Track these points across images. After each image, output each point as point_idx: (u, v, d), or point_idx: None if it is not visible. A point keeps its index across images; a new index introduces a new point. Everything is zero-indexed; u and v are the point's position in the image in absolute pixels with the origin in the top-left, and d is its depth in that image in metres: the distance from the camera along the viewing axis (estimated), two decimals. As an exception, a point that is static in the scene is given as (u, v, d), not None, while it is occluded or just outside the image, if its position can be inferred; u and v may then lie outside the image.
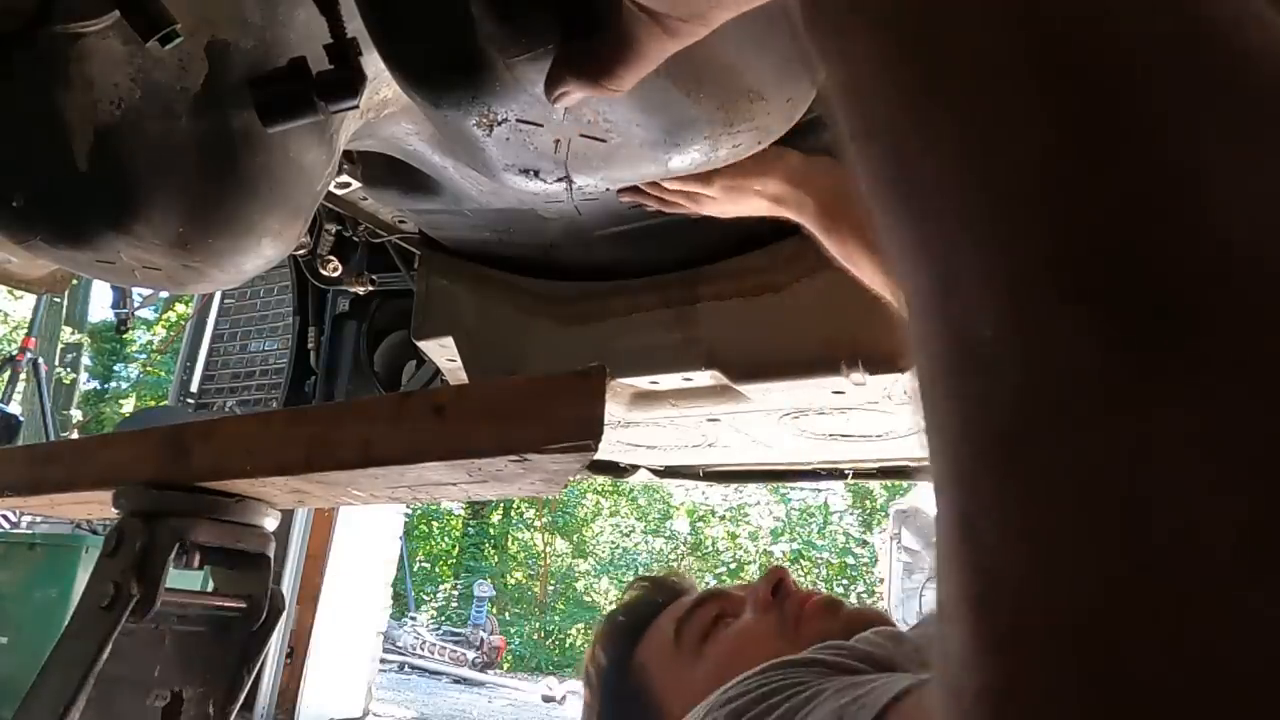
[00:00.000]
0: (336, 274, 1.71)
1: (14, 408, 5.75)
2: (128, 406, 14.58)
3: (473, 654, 13.47)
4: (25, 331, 6.77)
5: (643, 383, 1.28)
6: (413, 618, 14.62)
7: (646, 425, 1.46)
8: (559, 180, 0.96)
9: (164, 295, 9.64)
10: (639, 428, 1.49)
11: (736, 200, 0.97)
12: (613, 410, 1.36)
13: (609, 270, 1.28)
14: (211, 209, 0.84)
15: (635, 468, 1.90)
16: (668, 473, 1.97)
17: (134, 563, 0.74)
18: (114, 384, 15.97)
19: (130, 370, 16.05)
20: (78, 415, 12.50)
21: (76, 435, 8.97)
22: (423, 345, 1.44)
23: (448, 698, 10.21)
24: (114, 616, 0.72)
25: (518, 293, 1.34)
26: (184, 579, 0.81)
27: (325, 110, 0.74)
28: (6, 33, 0.74)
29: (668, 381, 1.26)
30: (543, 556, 18.83)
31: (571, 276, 1.31)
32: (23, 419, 5.65)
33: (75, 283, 8.40)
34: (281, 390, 2.04)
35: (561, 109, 0.68)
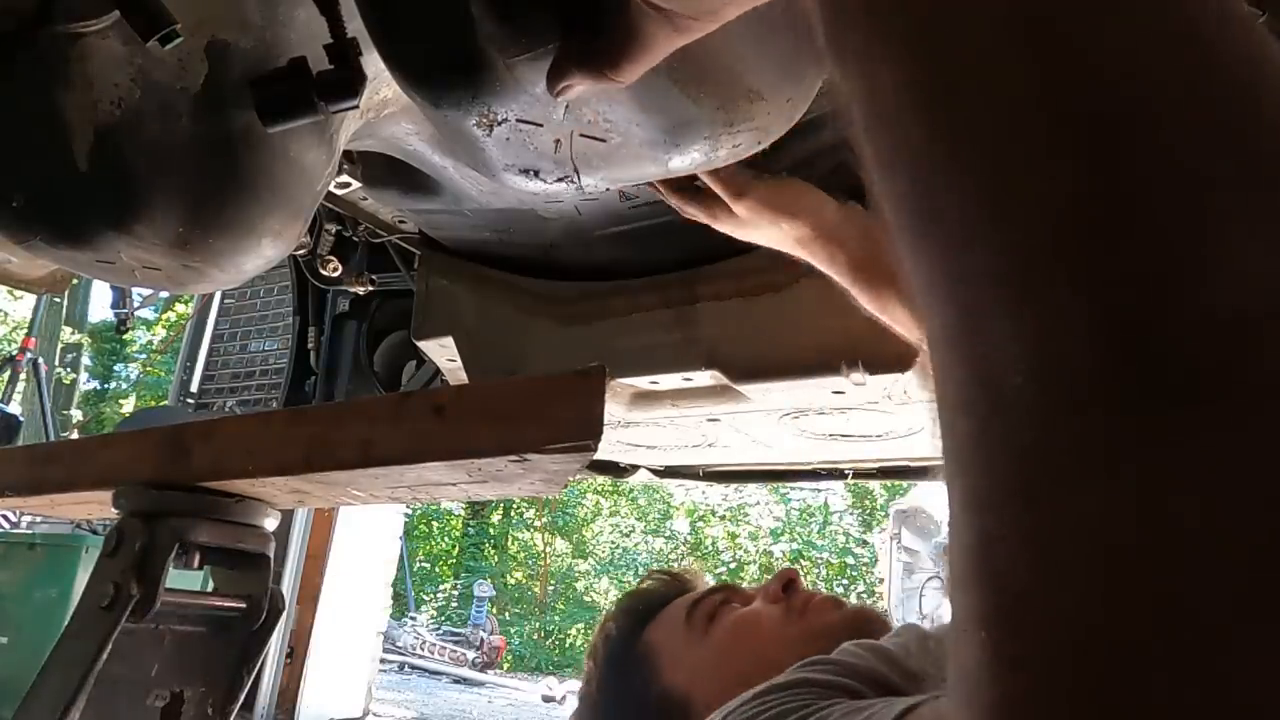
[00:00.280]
0: (336, 274, 1.71)
1: (14, 408, 5.75)
2: (128, 406, 14.58)
3: (473, 654, 13.47)
4: (25, 331, 6.77)
5: (643, 383, 1.28)
6: (413, 618, 14.62)
7: (646, 425, 1.46)
8: (559, 180, 0.96)
9: (164, 295, 9.64)
10: (639, 428, 1.49)
11: (759, 228, 0.92)
12: (613, 410, 1.36)
13: (609, 270, 1.28)
14: (212, 209, 0.84)
15: (635, 468, 1.90)
16: (668, 473, 1.97)
17: (134, 563, 0.74)
18: (114, 384, 15.97)
19: (130, 370, 16.05)
20: (78, 415, 12.50)
21: (76, 435, 8.97)
22: (423, 345, 1.44)
23: (448, 698, 10.21)
24: (114, 616, 0.72)
25: (518, 293, 1.34)
26: (184, 579, 0.80)
27: (325, 110, 0.74)
28: (6, 33, 0.74)
29: (668, 381, 1.26)
30: (543, 556, 18.83)
31: (571, 276, 1.31)
32: (23, 419, 5.65)
33: (75, 283, 8.39)
34: (281, 390, 2.04)
35: (562, 108, 0.67)
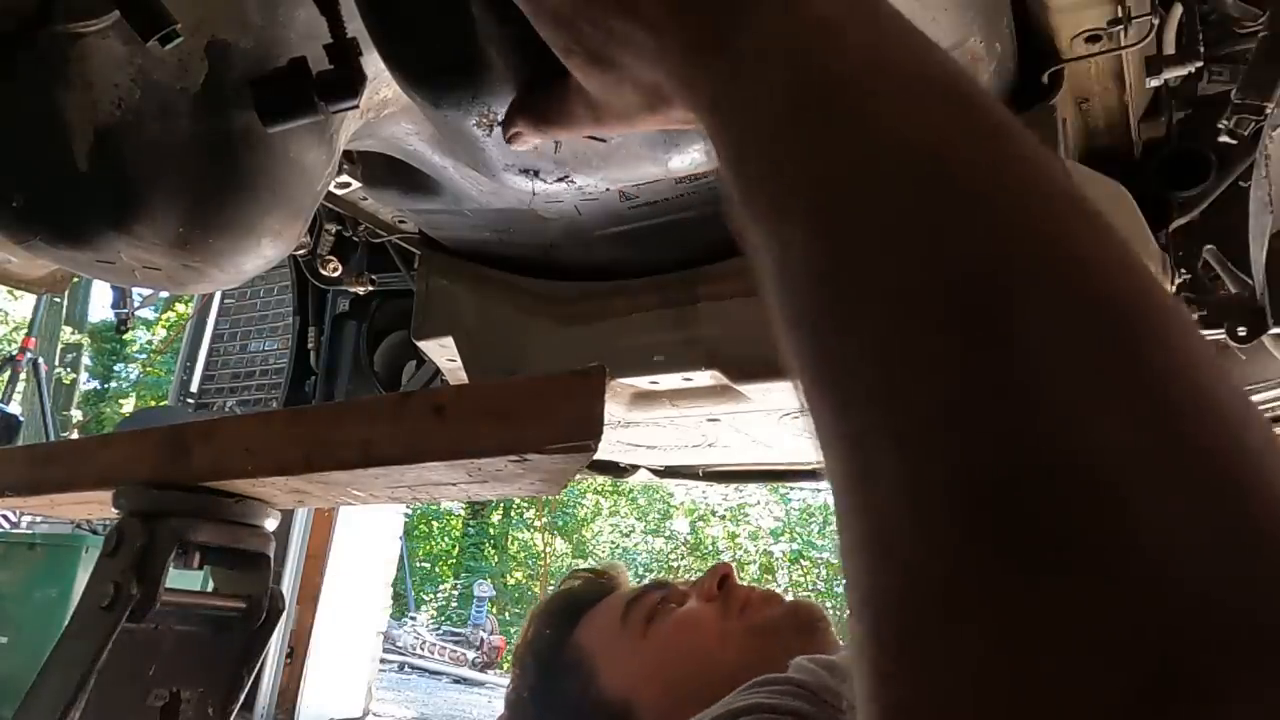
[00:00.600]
0: (336, 274, 1.71)
1: (14, 408, 5.75)
2: (128, 406, 14.58)
3: (473, 654, 13.48)
4: (25, 331, 6.78)
5: (643, 383, 1.28)
6: (413, 618, 14.63)
7: (646, 425, 1.46)
8: (559, 180, 0.96)
9: (164, 295, 9.64)
10: (639, 428, 1.49)
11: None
12: (613, 410, 1.36)
13: (609, 270, 1.28)
14: (211, 209, 0.84)
15: (635, 468, 1.90)
16: (668, 473, 1.97)
17: (134, 563, 0.74)
18: (114, 384, 15.96)
19: (130, 370, 16.05)
20: (78, 415, 12.51)
21: (76, 435, 8.97)
22: (423, 345, 1.44)
23: (448, 698, 10.21)
24: (114, 616, 0.72)
25: (518, 293, 1.34)
26: (184, 579, 0.80)
27: (325, 110, 0.74)
28: (6, 33, 0.74)
29: (668, 381, 1.26)
30: (543, 556, 18.83)
31: (571, 276, 1.31)
32: (23, 419, 5.65)
33: (75, 283, 8.39)
34: (281, 390, 2.04)
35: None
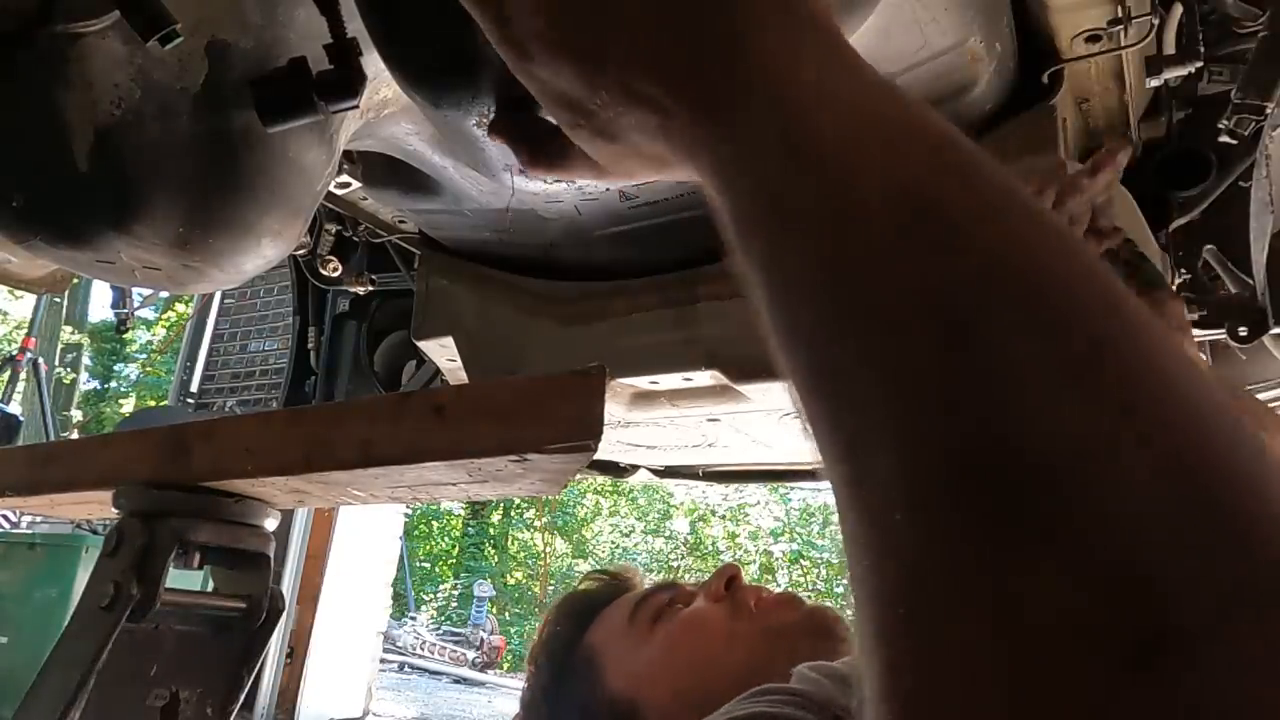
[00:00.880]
0: (336, 274, 1.71)
1: (14, 408, 5.75)
2: (128, 406, 14.58)
3: (473, 654, 13.47)
4: (25, 331, 6.78)
5: (643, 383, 1.28)
6: (413, 618, 14.62)
7: (646, 425, 1.46)
8: (559, 180, 0.96)
9: (164, 295, 9.64)
10: (639, 428, 1.49)
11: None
12: (613, 410, 1.36)
13: (609, 270, 1.28)
14: (211, 209, 0.84)
15: (635, 468, 1.90)
16: (668, 473, 1.97)
17: (134, 563, 0.74)
18: (114, 384, 15.96)
19: (130, 370, 16.04)
20: (78, 415, 12.51)
21: (76, 435, 8.97)
22: (423, 345, 1.44)
23: (448, 698, 10.21)
24: (114, 616, 0.72)
25: (518, 293, 1.34)
26: (184, 579, 0.80)
27: (325, 110, 0.74)
28: (6, 33, 0.74)
29: (668, 381, 1.26)
30: (543, 556, 18.83)
31: (571, 276, 1.31)
32: (23, 419, 5.65)
33: (75, 283, 8.39)
34: (281, 390, 2.04)
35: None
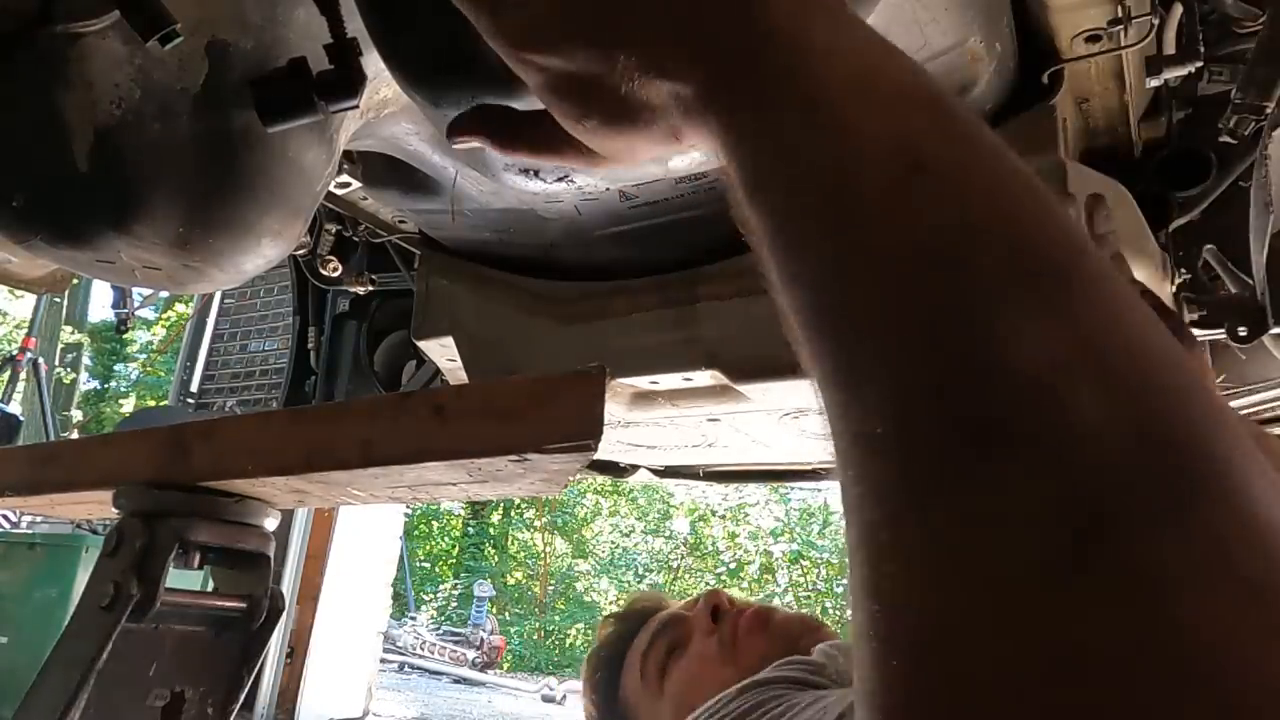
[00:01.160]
0: (336, 274, 1.71)
1: (14, 408, 5.75)
2: (128, 406, 14.57)
3: (473, 654, 13.47)
4: (25, 331, 6.78)
5: (643, 383, 1.28)
6: (413, 618, 14.62)
7: (646, 425, 1.46)
8: (558, 179, 0.96)
9: (164, 295, 9.64)
10: (639, 428, 1.49)
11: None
12: (613, 410, 1.36)
13: (609, 270, 1.27)
14: (211, 209, 0.84)
15: (635, 468, 1.90)
16: (668, 473, 1.97)
17: (134, 563, 0.73)
18: (114, 384, 15.95)
19: (130, 370, 16.04)
20: (78, 415, 12.50)
21: (76, 435, 8.97)
22: (423, 345, 1.44)
23: (448, 697, 10.21)
24: (114, 616, 0.71)
25: (518, 293, 1.34)
26: (184, 579, 0.80)
27: (325, 110, 0.74)
28: (6, 33, 0.74)
29: (668, 381, 1.25)
30: (543, 556, 18.83)
31: (572, 276, 1.31)
32: (23, 419, 5.65)
33: (75, 283, 8.40)
34: (281, 390, 2.04)
35: None
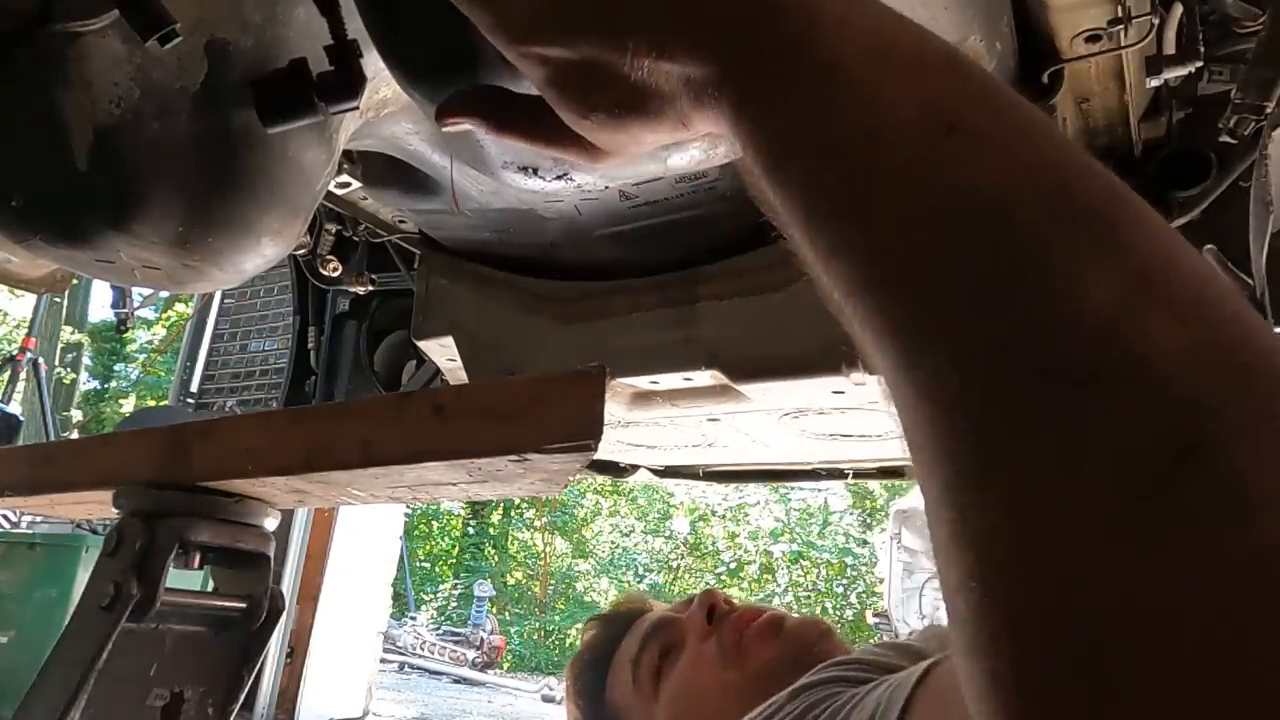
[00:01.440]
0: (336, 274, 1.71)
1: (14, 408, 5.75)
2: (128, 406, 14.57)
3: (473, 654, 13.47)
4: (25, 331, 6.77)
5: (643, 382, 1.28)
6: (413, 618, 14.62)
7: (646, 425, 1.46)
8: (557, 178, 0.96)
9: (164, 295, 9.64)
10: (639, 428, 1.49)
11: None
12: (613, 410, 1.36)
13: (609, 270, 1.28)
14: (211, 208, 0.84)
15: (635, 468, 1.90)
16: (668, 473, 1.97)
17: (134, 563, 0.73)
18: (114, 384, 15.95)
19: (130, 370, 16.04)
20: (78, 415, 12.50)
21: (76, 435, 8.97)
22: (423, 345, 1.44)
23: (448, 697, 10.21)
24: (114, 616, 0.71)
25: (518, 292, 1.34)
26: (184, 579, 0.80)
27: (325, 111, 0.74)
28: (6, 33, 0.74)
29: (668, 381, 1.25)
30: (543, 556, 18.83)
31: (572, 276, 1.31)
32: (23, 419, 5.65)
33: (75, 282, 8.39)
34: (281, 390, 2.04)
35: None
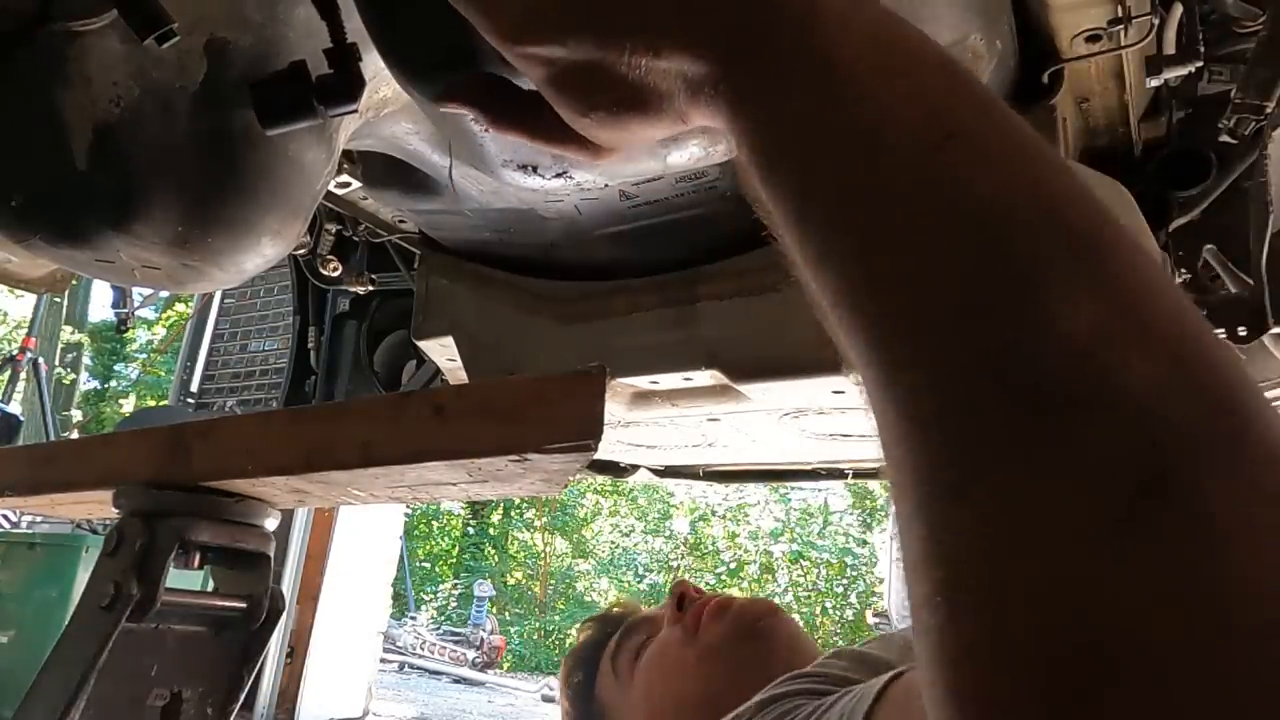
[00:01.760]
0: (336, 274, 1.71)
1: (14, 408, 5.75)
2: (128, 406, 14.56)
3: (473, 654, 13.47)
4: (25, 331, 6.77)
5: (643, 382, 1.28)
6: (413, 617, 14.62)
7: (646, 425, 1.46)
8: (557, 176, 0.96)
9: (164, 295, 9.64)
10: (639, 428, 1.49)
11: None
12: (613, 410, 1.36)
13: (609, 270, 1.27)
14: (211, 208, 0.84)
15: (635, 468, 1.90)
16: (668, 473, 1.97)
17: (134, 563, 0.73)
18: (114, 384, 15.95)
19: (130, 370, 16.03)
20: (78, 415, 12.50)
21: (76, 435, 8.97)
22: (423, 345, 1.44)
23: (448, 697, 10.21)
24: (114, 616, 0.71)
25: (518, 292, 1.34)
26: (184, 579, 0.80)
27: (324, 114, 0.74)
28: (6, 32, 0.74)
29: (668, 381, 1.25)
30: (543, 556, 18.83)
31: (572, 276, 1.31)
32: (23, 419, 5.65)
33: (75, 283, 8.39)
34: (281, 390, 2.04)
35: None
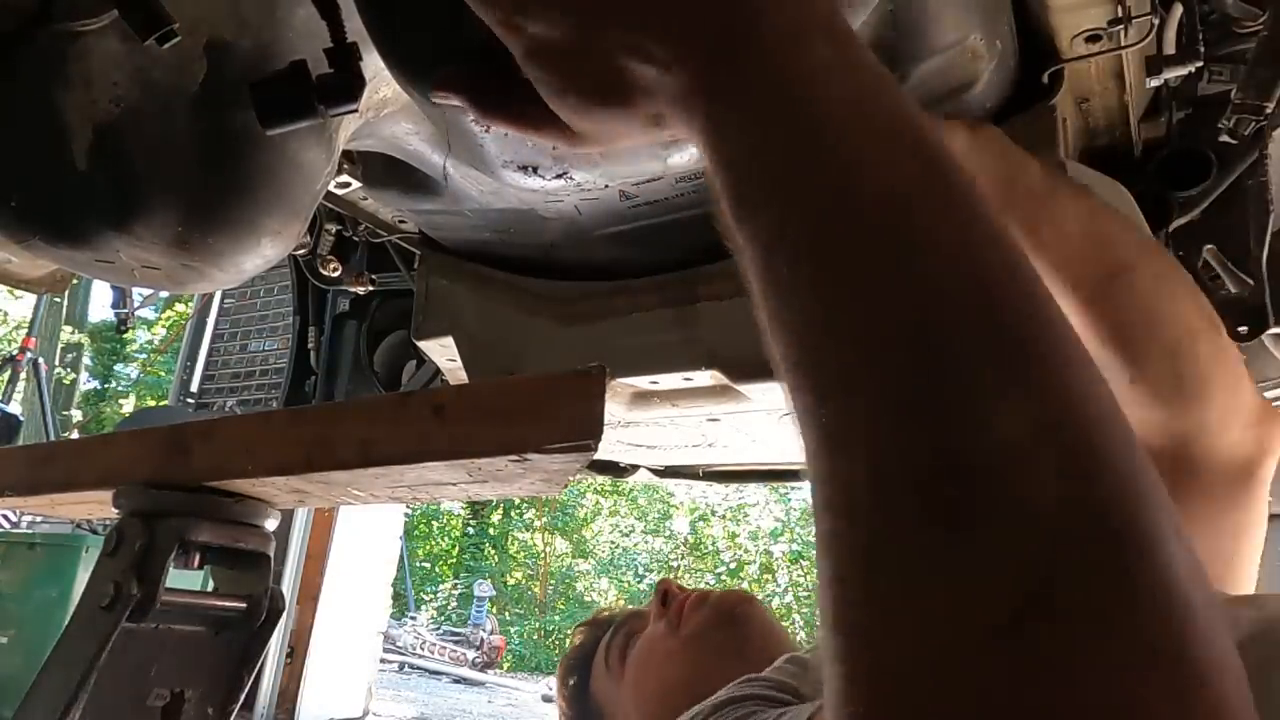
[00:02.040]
0: (336, 274, 1.71)
1: (14, 408, 5.75)
2: (128, 406, 14.57)
3: (473, 654, 13.47)
4: (25, 331, 6.77)
5: (643, 383, 1.27)
6: (413, 617, 14.62)
7: (646, 425, 1.46)
8: (557, 176, 0.96)
9: (164, 295, 9.64)
10: (639, 428, 1.49)
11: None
12: (613, 410, 1.36)
13: (609, 270, 1.27)
14: (210, 208, 0.84)
15: (635, 468, 1.90)
16: (668, 473, 1.97)
17: (134, 563, 0.73)
18: (114, 384, 15.95)
19: (130, 370, 16.04)
20: (78, 415, 12.51)
21: (76, 435, 8.97)
22: (423, 345, 1.44)
23: (448, 697, 10.21)
24: (114, 616, 0.71)
25: (518, 293, 1.34)
26: (184, 579, 0.80)
27: (324, 114, 0.74)
28: (6, 31, 0.74)
29: (668, 381, 1.25)
30: (543, 556, 18.83)
31: (572, 276, 1.31)
32: (23, 419, 5.65)
33: (75, 283, 8.39)
34: (281, 390, 2.04)
35: None
